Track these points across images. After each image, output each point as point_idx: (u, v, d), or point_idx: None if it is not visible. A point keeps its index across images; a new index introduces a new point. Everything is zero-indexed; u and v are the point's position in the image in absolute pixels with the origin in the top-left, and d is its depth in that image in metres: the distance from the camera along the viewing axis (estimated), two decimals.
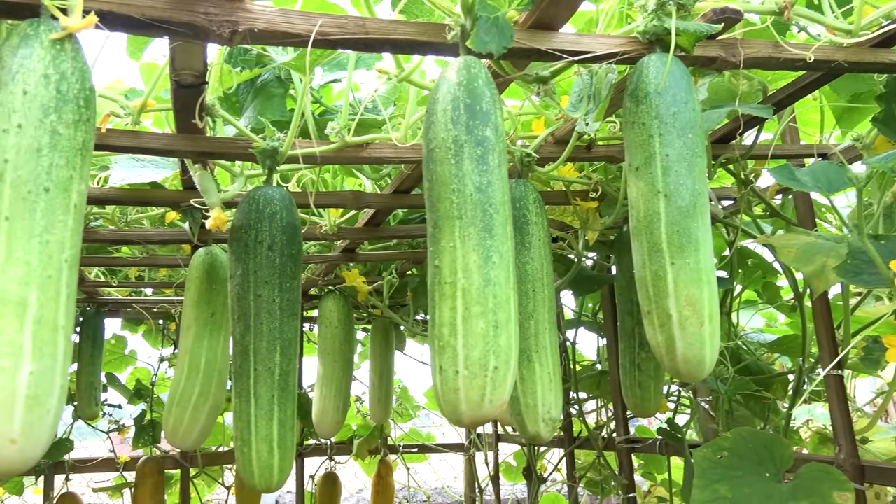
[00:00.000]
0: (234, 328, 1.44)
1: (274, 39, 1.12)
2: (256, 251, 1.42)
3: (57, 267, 0.89)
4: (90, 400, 3.42)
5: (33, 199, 0.88)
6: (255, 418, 1.39)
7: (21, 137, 0.89)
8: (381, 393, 3.61)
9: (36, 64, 0.91)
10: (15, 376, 0.84)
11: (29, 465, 0.88)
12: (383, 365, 3.62)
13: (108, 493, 3.84)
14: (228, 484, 4.06)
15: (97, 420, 3.66)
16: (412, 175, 1.90)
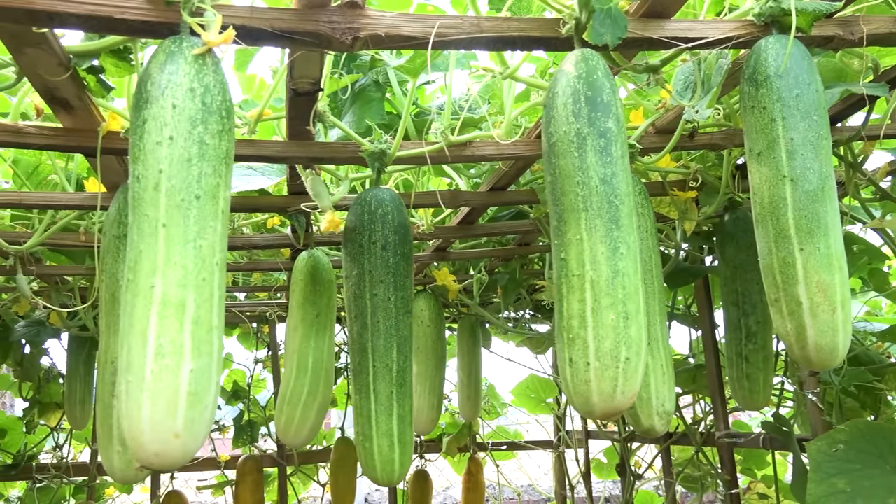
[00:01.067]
0: (351, 326, 1.48)
1: (393, 44, 1.14)
2: (371, 251, 1.46)
3: (210, 270, 0.94)
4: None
5: (186, 207, 0.93)
6: (376, 414, 1.43)
7: (173, 149, 0.94)
8: (469, 391, 3.63)
9: (182, 78, 0.96)
10: (177, 374, 0.89)
11: (188, 459, 0.93)
12: (471, 363, 3.64)
13: (211, 491, 3.98)
14: (323, 482, 4.16)
15: None
16: (509, 172, 1.91)
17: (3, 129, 1.41)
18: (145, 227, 0.93)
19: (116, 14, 1.03)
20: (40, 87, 1.31)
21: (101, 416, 1.33)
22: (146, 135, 0.95)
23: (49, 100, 1.35)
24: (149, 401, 0.88)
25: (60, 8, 1.02)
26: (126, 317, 0.92)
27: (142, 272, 0.91)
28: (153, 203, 0.93)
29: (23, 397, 3.68)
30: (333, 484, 3.89)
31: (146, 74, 0.98)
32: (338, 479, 3.90)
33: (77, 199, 1.80)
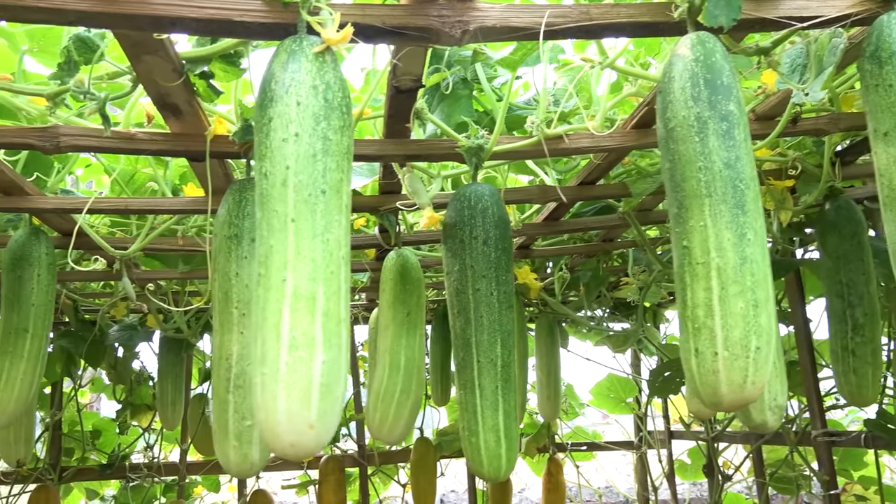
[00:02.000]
0: (454, 322, 1.48)
1: (501, 35, 1.14)
2: (472, 246, 1.46)
3: (337, 263, 0.95)
4: None
5: (313, 202, 0.94)
6: (482, 409, 1.43)
7: (298, 145, 0.95)
8: (549, 391, 3.59)
9: (304, 76, 0.98)
10: (311, 366, 0.91)
11: (320, 449, 0.94)
12: (550, 362, 3.61)
13: (294, 490, 4.06)
14: (403, 482, 4.18)
15: None
16: (601, 166, 1.89)
17: (118, 137, 1.46)
18: (275, 222, 0.95)
19: (235, 17, 1.06)
20: (154, 94, 1.36)
21: (217, 411, 1.36)
22: (272, 132, 0.97)
23: (161, 106, 1.40)
24: (284, 392, 0.90)
25: (183, 13, 1.05)
26: (259, 310, 0.94)
27: (273, 266, 0.93)
28: (281, 199, 0.95)
29: (116, 399, 3.82)
30: (414, 484, 3.92)
31: (269, 74, 1.00)
32: (418, 479, 3.93)
33: (181, 204, 1.85)
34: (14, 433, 2.30)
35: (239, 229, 1.38)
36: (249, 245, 1.37)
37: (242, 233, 1.38)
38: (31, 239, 1.93)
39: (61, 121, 1.46)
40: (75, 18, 1.05)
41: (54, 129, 1.43)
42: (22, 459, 2.50)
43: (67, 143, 1.44)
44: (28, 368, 1.87)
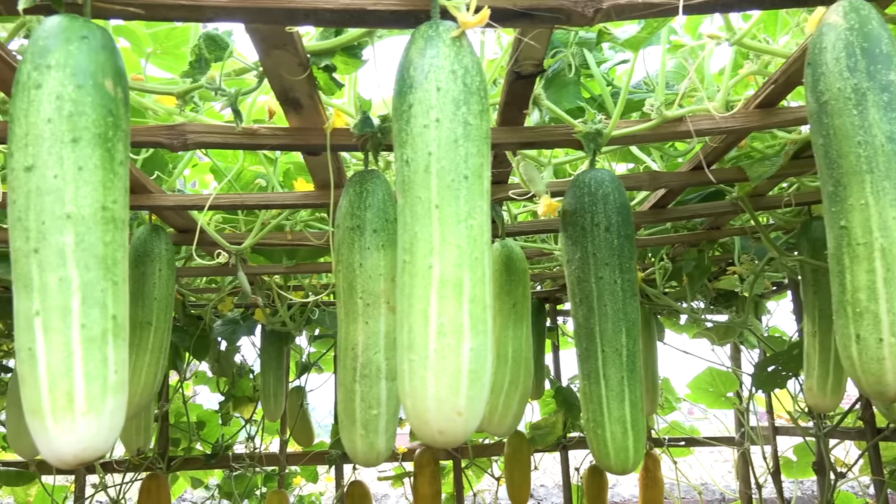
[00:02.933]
0: (576, 311, 1.46)
1: (635, 13, 1.10)
2: (594, 234, 1.43)
3: (480, 249, 0.94)
4: None
5: (456, 187, 0.94)
6: (607, 400, 1.39)
7: (440, 131, 0.95)
8: (647, 384, 3.51)
9: (443, 61, 0.97)
10: (459, 352, 0.90)
11: (468, 436, 0.93)
12: (647, 355, 3.53)
13: (390, 481, 4.10)
14: (497, 475, 4.17)
15: None
16: (718, 149, 1.82)
17: (241, 133, 1.49)
18: (418, 208, 0.94)
19: (369, 6, 1.06)
20: (278, 89, 1.38)
21: (344, 400, 1.38)
22: (413, 119, 0.97)
23: (283, 101, 1.43)
24: (433, 379, 0.90)
25: (318, 4, 1.06)
26: (405, 297, 0.94)
27: (419, 253, 0.93)
28: (424, 185, 0.94)
29: (219, 391, 3.95)
30: (508, 477, 3.90)
31: (407, 60, 1.00)
32: (512, 473, 3.91)
33: (293, 198, 1.89)
34: (135, 423, 2.41)
35: (361, 220, 1.39)
36: (372, 236, 1.38)
37: (364, 224, 1.39)
38: (152, 236, 2.00)
39: (184, 119, 1.51)
40: (213, 14, 1.07)
41: (181, 126, 1.48)
42: (142, 448, 2.61)
43: (194, 140, 1.48)
44: (152, 360, 1.94)
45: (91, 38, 0.95)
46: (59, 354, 0.86)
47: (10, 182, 0.91)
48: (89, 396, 0.87)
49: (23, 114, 0.91)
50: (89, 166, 0.91)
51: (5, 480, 3.66)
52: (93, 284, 0.89)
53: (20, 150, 0.90)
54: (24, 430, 2.73)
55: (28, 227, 0.89)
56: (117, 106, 0.96)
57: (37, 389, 0.86)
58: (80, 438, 0.86)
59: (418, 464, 3.90)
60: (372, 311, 1.36)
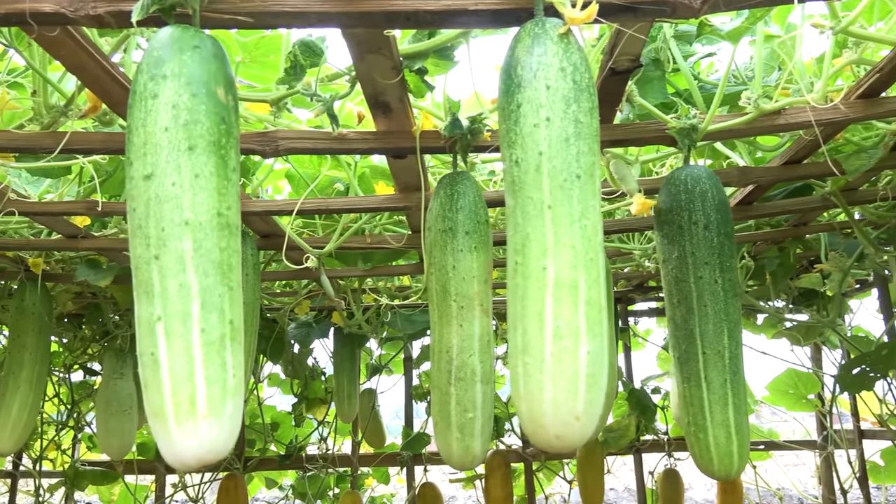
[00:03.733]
0: (673, 312, 1.42)
1: (744, 2, 1.06)
2: (692, 232, 1.39)
3: (595, 250, 0.92)
4: None
5: (569, 187, 0.92)
6: (709, 403, 1.35)
7: (551, 129, 0.93)
8: None
9: (552, 59, 0.95)
10: (576, 356, 0.88)
11: (583, 442, 0.91)
12: None
13: (461, 484, 4.10)
14: (569, 478, 4.12)
15: None
16: (810, 142, 1.75)
17: (331, 137, 1.51)
18: (530, 209, 0.93)
19: (470, 6, 1.05)
20: (369, 93, 1.38)
21: (439, 403, 1.38)
22: (522, 118, 0.95)
23: (373, 105, 1.43)
24: (550, 383, 0.88)
25: (419, 6, 1.06)
26: (518, 299, 0.92)
27: (531, 255, 0.91)
28: (536, 185, 0.93)
29: (293, 393, 4.01)
30: (581, 481, 3.84)
31: (514, 59, 0.98)
32: (585, 476, 3.85)
33: (376, 202, 1.90)
34: None
35: (453, 222, 1.38)
36: (464, 238, 1.38)
37: (456, 226, 1.38)
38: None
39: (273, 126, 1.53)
40: (316, 20, 1.08)
41: (273, 133, 1.50)
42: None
43: (286, 146, 1.50)
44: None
45: (202, 47, 0.97)
46: (181, 359, 0.88)
47: (130, 191, 0.93)
48: (210, 400, 0.88)
49: (140, 123, 0.93)
50: (205, 173, 0.92)
51: (91, 480, 3.79)
52: (211, 290, 0.91)
53: (139, 160, 0.92)
54: (112, 431, 2.83)
55: (148, 235, 0.91)
56: (229, 113, 0.97)
57: (160, 393, 0.87)
58: (201, 442, 0.87)
59: (490, 466, 3.89)
60: (466, 314, 1.36)
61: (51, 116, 1.43)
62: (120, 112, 1.43)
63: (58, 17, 1.06)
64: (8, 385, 2.42)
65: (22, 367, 2.44)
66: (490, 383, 1.37)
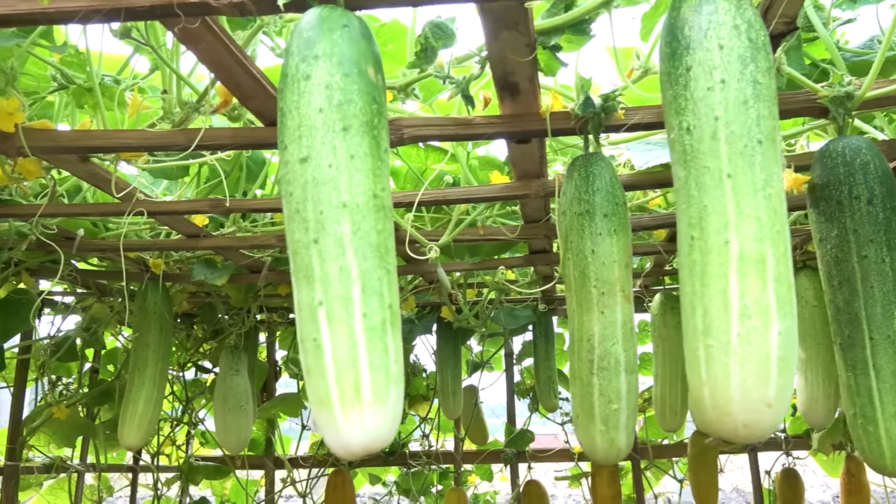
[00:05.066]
0: (833, 295, 1.31)
1: None
2: (853, 208, 1.28)
3: (781, 222, 0.84)
4: (549, 393, 3.60)
5: (750, 153, 0.85)
6: (879, 393, 1.24)
7: (726, 92, 0.86)
8: None
9: (724, 17, 0.89)
10: (766, 337, 0.81)
11: (774, 431, 0.84)
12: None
13: (567, 482, 4.02)
14: (679, 478, 3.98)
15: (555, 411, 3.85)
16: None
17: (456, 123, 1.47)
18: (706, 179, 0.86)
19: None
20: (498, 74, 1.34)
21: (581, 394, 1.32)
22: (692, 82, 0.89)
23: (501, 87, 1.38)
24: (737, 366, 0.81)
25: None
26: (696, 277, 0.86)
27: (710, 229, 0.85)
28: (712, 153, 0.86)
29: None
30: (693, 480, 3.70)
31: (680, 20, 0.92)
32: (698, 474, 3.70)
33: (495, 191, 1.85)
34: None
35: (590, 205, 1.32)
36: (602, 220, 1.31)
37: (594, 208, 1.32)
38: None
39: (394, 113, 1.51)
40: None
41: (398, 121, 1.47)
42: None
43: (410, 134, 1.47)
44: None
45: (351, 26, 0.95)
46: (344, 345, 0.85)
47: (286, 175, 0.92)
48: (375, 387, 0.85)
49: (294, 106, 0.91)
50: (360, 154, 0.90)
51: (204, 474, 3.90)
52: (370, 273, 0.88)
53: (294, 143, 0.91)
54: (230, 427, 2.89)
55: (306, 218, 0.89)
56: (379, 93, 0.95)
57: (324, 380, 0.85)
58: (367, 430, 0.85)
59: (596, 464, 3.79)
60: (607, 300, 1.29)
61: (184, 112, 1.44)
62: (250, 106, 1.44)
63: (201, 6, 1.06)
64: (134, 382, 2.51)
65: (146, 364, 2.52)
66: (634, 373, 1.30)
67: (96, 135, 1.55)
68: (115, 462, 3.90)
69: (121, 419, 2.51)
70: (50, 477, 3.49)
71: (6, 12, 1.10)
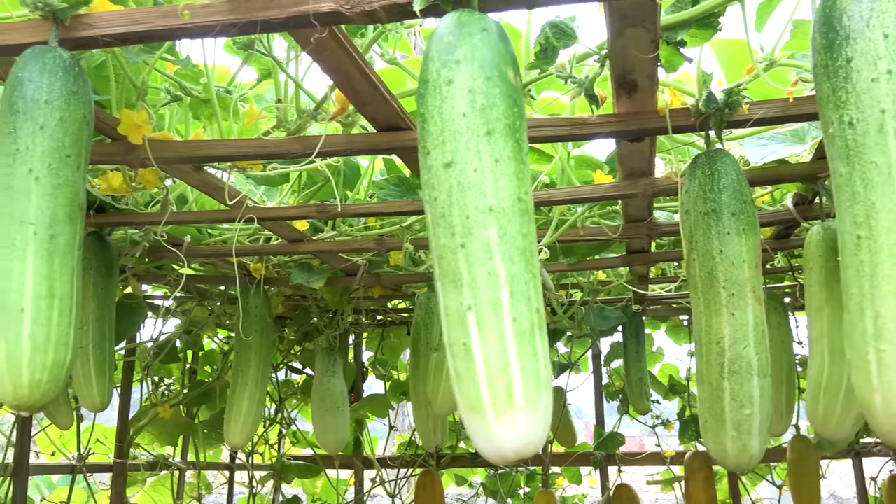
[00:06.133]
0: None
1: None
2: None
3: None
4: (641, 395, 3.54)
5: None
6: None
7: (893, 84, 0.82)
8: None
9: (887, 4, 0.84)
10: None
11: None
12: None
13: (659, 486, 3.93)
14: (778, 483, 3.84)
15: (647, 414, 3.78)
16: None
17: (570, 123, 1.45)
18: (874, 175, 0.82)
19: None
20: (618, 72, 1.31)
21: (710, 399, 1.28)
22: (854, 74, 0.85)
23: (619, 84, 1.36)
24: None
25: None
26: (864, 279, 0.82)
27: (880, 227, 0.81)
28: (880, 147, 0.82)
29: None
30: (794, 486, 3.56)
31: (837, 9, 0.88)
32: (798, 481, 3.56)
33: (601, 191, 1.83)
34: (433, 422, 2.50)
35: (717, 203, 1.29)
36: (730, 219, 1.28)
37: (721, 207, 1.29)
38: None
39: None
40: None
41: None
42: (439, 445, 2.70)
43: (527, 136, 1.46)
44: None
45: (489, 30, 0.94)
46: (495, 349, 0.85)
47: (429, 180, 0.92)
48: (527, 392, 0.84)
49: (437, 111, 0.92)
50: (504, 158, 0.90)
51: (296, 473, 3.99)
52: (518, 277, 0.88)
53: (437, 147, 0.91)
54: (328, 427, 2.95)
55: (452, 223, 0.89)
56: (519, 96, 0.94)
57: (475, 385, 0.85)
58: (519, 435, 0.84)
59: (690, 468, 3.69)
60: (737, 302, 1.25)
61: (302, 120, 1.47)
62: (365, 112, 1.46)
63: (334, 16, 1.08)
64: (237, 382, 2.58)
65: (249, 365, 2.59)
66: (767, 377, 1.26)
67: (216, 144, 1.60)
68: (212, 460, 4.02)
69: (226, 419, 2.58)
70: (153, 474, 3.63)
71: (146, 29, 1.14)
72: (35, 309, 1.00)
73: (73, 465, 3.11)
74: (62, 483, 4.51)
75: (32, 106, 1.06)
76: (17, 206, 1.03)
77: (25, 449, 2.78)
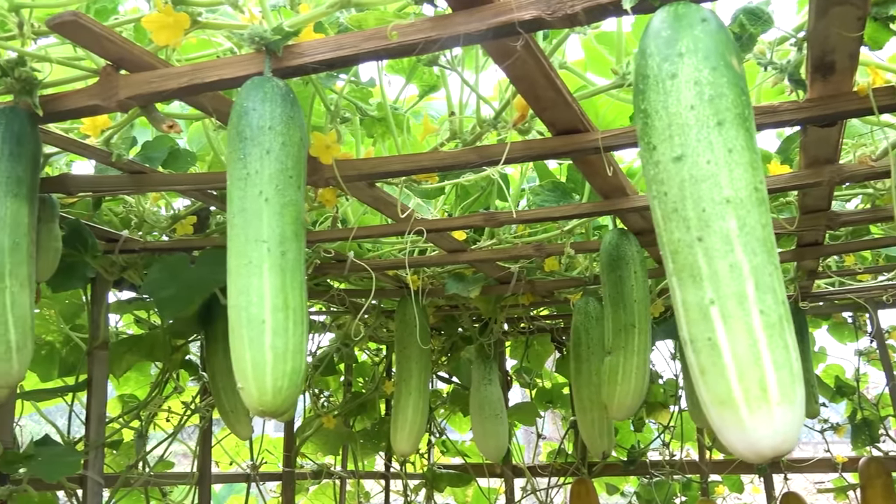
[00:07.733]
0: None
1: None
2: None
3: None
4: (809, 398, 3.34)
5: None
6: None
7: None
8: None
9: None
10: None
11: None
12: None
13: (833, 494, 3.70)
14: None
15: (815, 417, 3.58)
16: None
17: (760, 112, 1.40)
18: None
19: None
20: (816, 53, 1.26)
21: None
22: None
23: (816, 67, 1.30)
24: None
25: None
26: None
27: None
28: None
29: None
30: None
31: None
32: None
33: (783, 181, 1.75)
34: (598, 427, 2.47)
35: None
36: None
37: None
38: (623, 239, 2.02)
39: None
40: None
41: None
42: (606, 451, 2.67)
43: None
44: (640, 363, 1.94)
45: (709, 20, 0.93)
46: (743, 342, 0.83)
47: (656, 175, 0.91)
48: (782, 385, 0.82)
49: (661, 106, 0.91)
50: (737, 148, 0.88)
51: (448, 482, 4.05)
52: (761, 269, 0.85)
53: (664, 142, 0.90)
54: (489, 434, 2.97)
55: (687, 217, 0.88)
56: (745, 83, 0.92)
57: (724, 380, 0.84)
58: (776, 430, 0.82)
59: (866, 475, 3.46)
60: None
61: (482, 129, 1.50)
62: (543, 117, 1.47)
63: (536, 23, 1.10)
64: (402, 392, 2.65)
65: (411, 375, 2.66)
66: None
67: (395, 160, 1.66)
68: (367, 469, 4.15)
69: (392, 427, 2.66)
70: (314, 482, 3.79)
71: (352, 53, 1.20)
72: (274, 320, 1.07)
73: (247, 475, 3.29)
74: (224, 493, 4.79)
75: (258, 132, 1.14)
76: (252, 227, 1.11)
77: (207, 458, 2.97)
